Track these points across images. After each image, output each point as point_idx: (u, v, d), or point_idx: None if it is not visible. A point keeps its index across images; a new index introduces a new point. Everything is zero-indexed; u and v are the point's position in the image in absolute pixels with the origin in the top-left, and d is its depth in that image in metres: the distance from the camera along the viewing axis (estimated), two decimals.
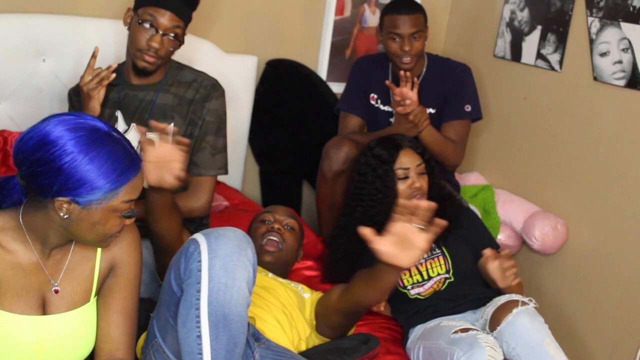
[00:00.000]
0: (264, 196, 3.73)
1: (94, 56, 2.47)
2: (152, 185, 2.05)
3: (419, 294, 2.57)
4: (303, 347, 2.30)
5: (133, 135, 2.49)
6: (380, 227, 2.65)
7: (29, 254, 1.73)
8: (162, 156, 2.03)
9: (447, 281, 2.59)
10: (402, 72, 2.95)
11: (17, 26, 2.91)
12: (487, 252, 2.51)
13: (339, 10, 3.68)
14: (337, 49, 3.73)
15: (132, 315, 1.86)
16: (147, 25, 2.38)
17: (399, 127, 2.99)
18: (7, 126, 2.95)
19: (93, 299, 1.83)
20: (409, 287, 2.59)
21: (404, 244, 2.02)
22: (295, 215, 2.70)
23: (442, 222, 2.04)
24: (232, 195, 3.35)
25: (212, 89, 2.54)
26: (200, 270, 1.75)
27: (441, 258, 2.62)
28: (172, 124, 2.44)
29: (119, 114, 2.52)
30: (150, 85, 2.52)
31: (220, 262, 1.75)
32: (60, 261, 1.78)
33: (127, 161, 1.65)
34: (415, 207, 2.01)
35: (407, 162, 2.66)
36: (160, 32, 2.39)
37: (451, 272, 2.60)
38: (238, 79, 3.36)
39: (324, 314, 2.33)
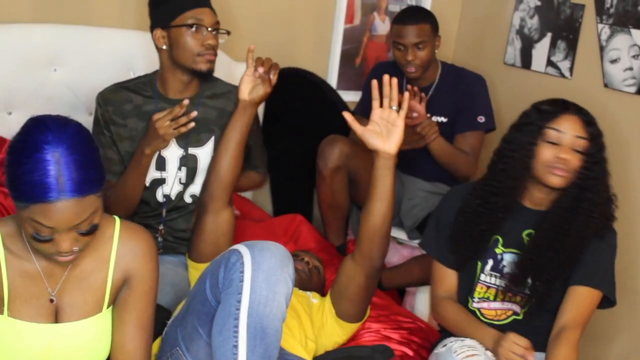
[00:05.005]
0: (274, 205, 3.72)
1: (180, 106, 2.37)
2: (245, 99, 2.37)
3: (480, 308, 2.32)
4: (312, 346, 2.28)
5: (172, 150, 2.48)
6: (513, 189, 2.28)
7: (33, 261, 1.72)
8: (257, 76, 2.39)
9: (513, 317, 2.30)
10: (409, 86, 2.99)
11: (28, 36, 2.92)
12: None
13: (349, 18, 3.68)
14: (347, 57, 3.73)
15: (147, 328, 1.84)
16: (194, 29, 2.39)
17: (406, 137, 3.00)
18: None
19: (106, 310, 1.81)
20: (476, 299, 2.33)
21: (388, 129, 2.17)
22: (321, 260, 2.71)
23: (408, 94, 2.25)
24: (243, 204, 3.34)
25: None
26: (242, 281, 1.76)
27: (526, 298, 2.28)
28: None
29: None
30: (188, 98, 2.47)
31: (263, 275, 1.76)
32: (67, 269, 1.76)
33: (46, 185, 1.54)
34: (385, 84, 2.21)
35: (567, 127, 2.21)
36: (210, 30, 2.40)
37: (525, 310, 2.28)
38: None
39: (340, 288, 2.29)
